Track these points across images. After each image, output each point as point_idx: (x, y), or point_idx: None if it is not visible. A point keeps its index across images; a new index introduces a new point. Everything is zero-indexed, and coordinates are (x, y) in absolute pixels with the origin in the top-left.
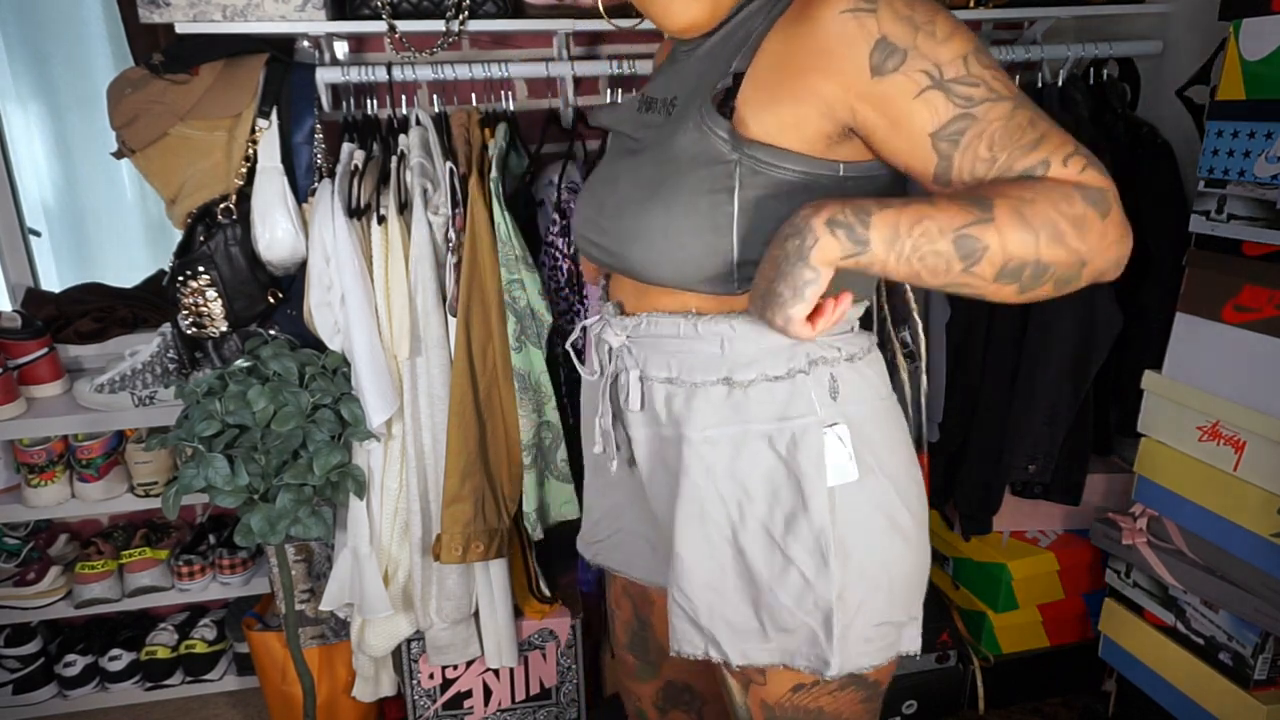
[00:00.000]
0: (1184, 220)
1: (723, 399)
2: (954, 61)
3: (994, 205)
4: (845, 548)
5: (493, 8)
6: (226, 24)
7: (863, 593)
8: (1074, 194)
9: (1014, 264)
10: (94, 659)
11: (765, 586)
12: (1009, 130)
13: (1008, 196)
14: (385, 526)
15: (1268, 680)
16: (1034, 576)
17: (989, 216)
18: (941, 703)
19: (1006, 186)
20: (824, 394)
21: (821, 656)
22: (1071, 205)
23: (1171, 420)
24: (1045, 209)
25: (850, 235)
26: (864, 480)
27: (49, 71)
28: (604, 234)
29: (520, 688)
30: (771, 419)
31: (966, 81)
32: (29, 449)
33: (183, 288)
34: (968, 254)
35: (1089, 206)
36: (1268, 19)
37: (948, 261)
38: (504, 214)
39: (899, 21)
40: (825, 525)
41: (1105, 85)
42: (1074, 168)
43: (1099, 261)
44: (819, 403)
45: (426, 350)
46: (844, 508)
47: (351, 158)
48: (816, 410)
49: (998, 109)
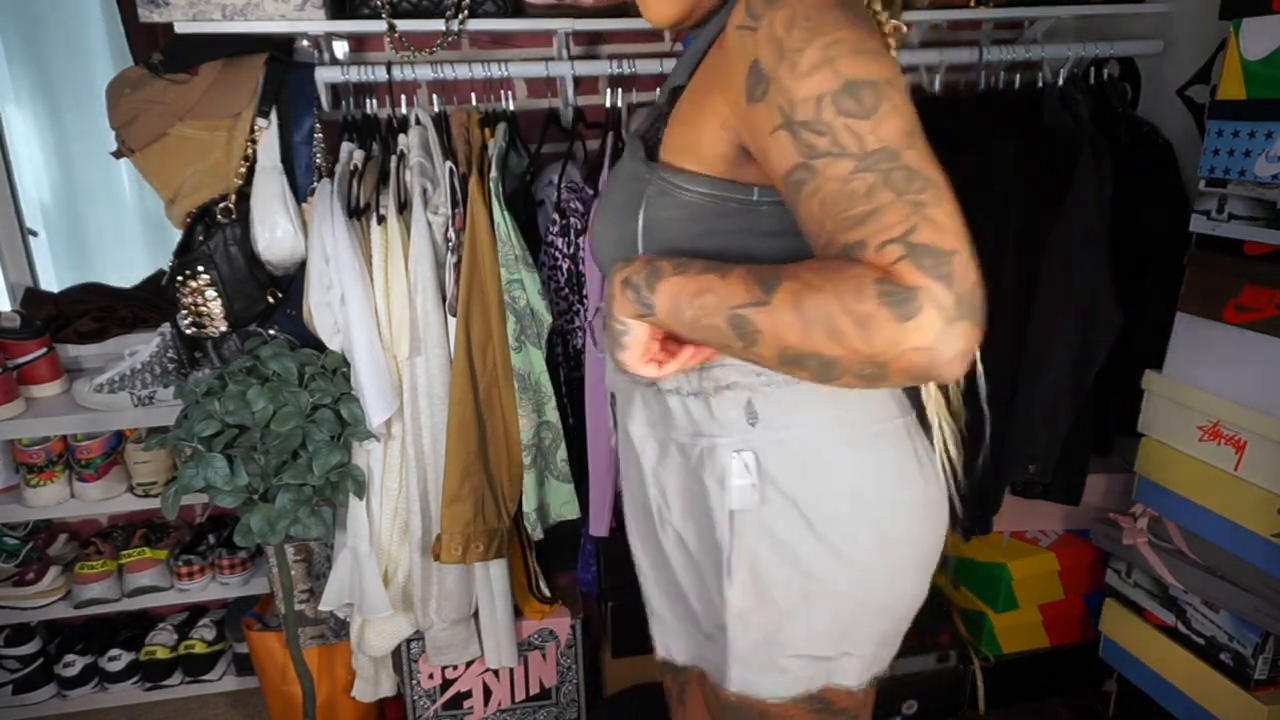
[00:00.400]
0: (1184, 220)
1: (653, 401)
2: (807, 101)
3: (777, 288)
4: (754, 572)
5: (492, 7)
6: (226, 23)
7: (772, 620)
8: (869, 288)
9: (792, 352)
10: (93, 659)
11: (684, 590)
12: (840, 195)
13: (796, 279)
14: (385, 526)
15: (1268, 680)
16: (1034, 576)
17: (766, 300)
18: (942, 703)
19: (804, 267)
20: (739, 417)
21: (721, 669)
22: (860, 301)
23: (1172, 420)
24: (827, 301)
25: (638, 298)
26: (773, 511)
27: (49, 71)
28: (597, 237)
29: (520, 688)
30: (688, 432)
31: (813, 127)
32: (28, 449)
33: (182, 287)
34: (743, 334)
35: (883, 305)
36: (1268, 19)
37: (727, 339)
38: (504, 214)
39: (771, 45)
40: (725, 544)
41: (1106, 85)
42: (888, 257)
43: (902, 363)
44: (732, 425)
45: (426, 350)
46: (747, 533)
47: (351, 157)
48: (728, 432)
49: (836, 167)
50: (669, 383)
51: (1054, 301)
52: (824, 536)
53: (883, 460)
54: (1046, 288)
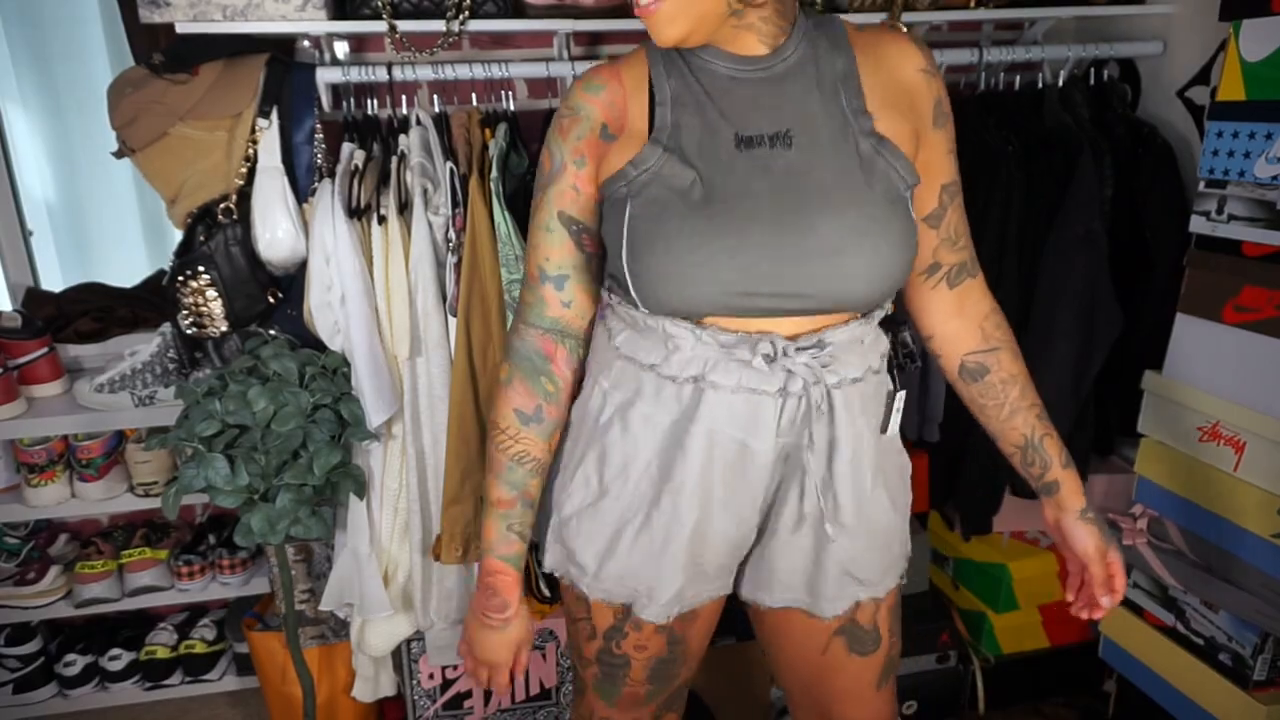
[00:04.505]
0: (1184, 221)
1: (871, 381)
2: (954, 140)
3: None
4: None
5: (493, 8)
6: (227, 24)
7: None
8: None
9: None
10: (94, 659)
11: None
12: (964, 215)
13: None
14: (385, 527)
15: (1267, 680)
16: (1034, 577)
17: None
18: (942, 703)
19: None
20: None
21: (893, 575)
22: None
23: (1171, 420)
24: None
25: None
26: None
27: (49, 71)
28: (801, 283)
29: (520, 688)
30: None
31: (957, 159)
32: (29, 449)
33: (183, 288)
34: None
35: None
36: (1268, 20)
37: None
38: (504, 214)
39: (944, 91)
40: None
41: (1106, 86)
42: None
43: None
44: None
45: (426, 350)
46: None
47: (351, 158)
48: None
49: (961, 195)
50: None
51: (1054, 302)
52: None
53: None
54: (1047, 288)
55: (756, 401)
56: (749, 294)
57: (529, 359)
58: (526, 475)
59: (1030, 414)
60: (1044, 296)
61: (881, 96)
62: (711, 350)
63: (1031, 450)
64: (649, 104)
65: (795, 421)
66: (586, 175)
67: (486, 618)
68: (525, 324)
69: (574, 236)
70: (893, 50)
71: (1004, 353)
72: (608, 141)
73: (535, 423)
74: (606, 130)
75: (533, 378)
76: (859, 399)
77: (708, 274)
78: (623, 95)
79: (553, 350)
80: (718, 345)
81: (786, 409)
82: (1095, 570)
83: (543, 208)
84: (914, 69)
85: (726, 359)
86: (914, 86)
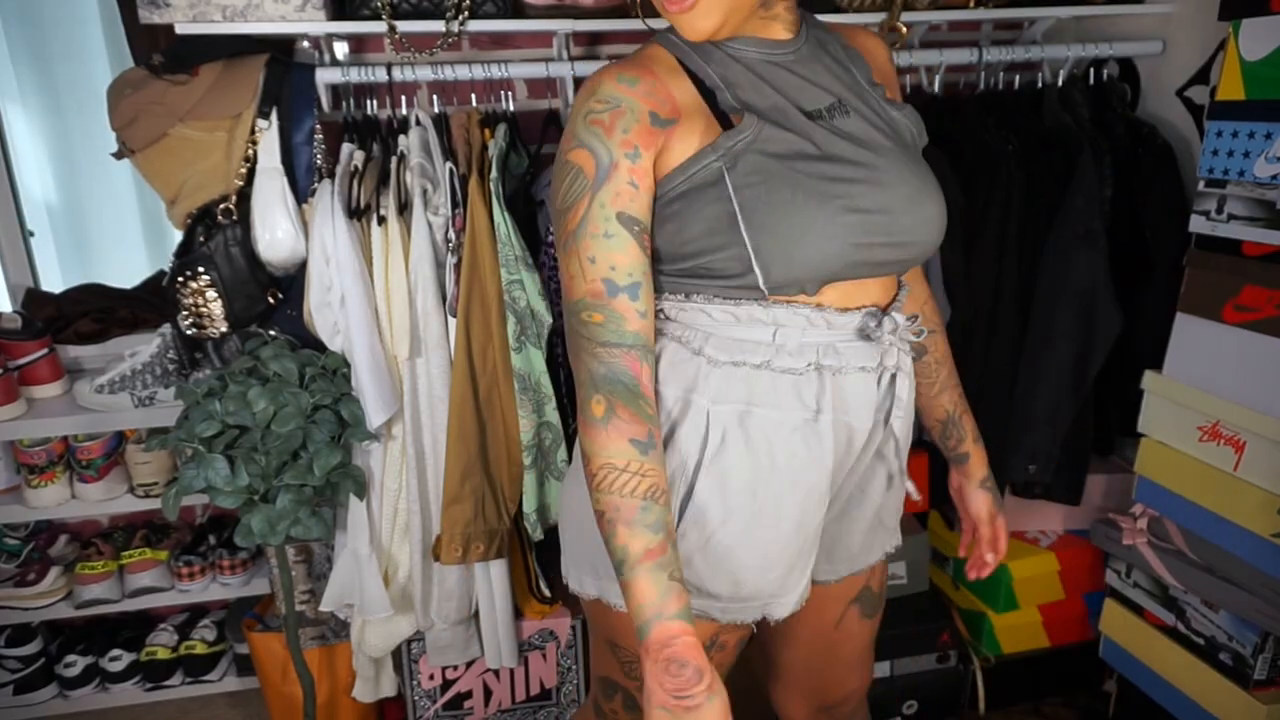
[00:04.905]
0: (1184, 220)
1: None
2: None
3: None
4: None
5: (493, 8)
6: (226, 24)
7: None
8: None
9: None
10: (94, 659)
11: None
12: None
13: None
14: (385, 527)
15: (1268, 680)
16: (1034, 577)
17: None
18: (942, 703)
19: None
20: None
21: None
22: None
23: (1171, 420)
24: None
25: None
26: None
27: (49, 72)
28: (904, 233)
29: (520, 688)
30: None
31: None
32: (29, 449)
33: (183, 288)
34: None
35: None
36: (1268, 19)
37: None
38: (504, 214)
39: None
40: None
41: (1105, 86)
42: None
43: None
44: None
45: (426, 351)
46: None
47: (351, 158)
48: None
49: None
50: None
51: (1054, 302)
52: None
53: None
54: (1047, 288)
55: (865, 380)
56: (870, 245)
57: (622, 383)
58: (663, 511)
59: (955, 392)
60: (1044, 296)
61: (876, 74)
62: (822, 332)
63: (952, 425)
64: (696, 88)
65: (883, 393)
66: (643, 168)
67: (681, 699)
68: (601, 345)
69: (637, 238)
70: (868, 40)
71: (939, 335)
72: (664, 128)
73: (652, 449)
74: (658, 117)
75: (634, 402)
76: (909, 371)
77: (836, 230)
78: (661, 84)
79: (639, 369)
80: (826, 326)
81: (882, 382)
82: (983, 530)
83: (594, 214)
84: (884, 49)
85: (838, 340)
86: (889, 70)
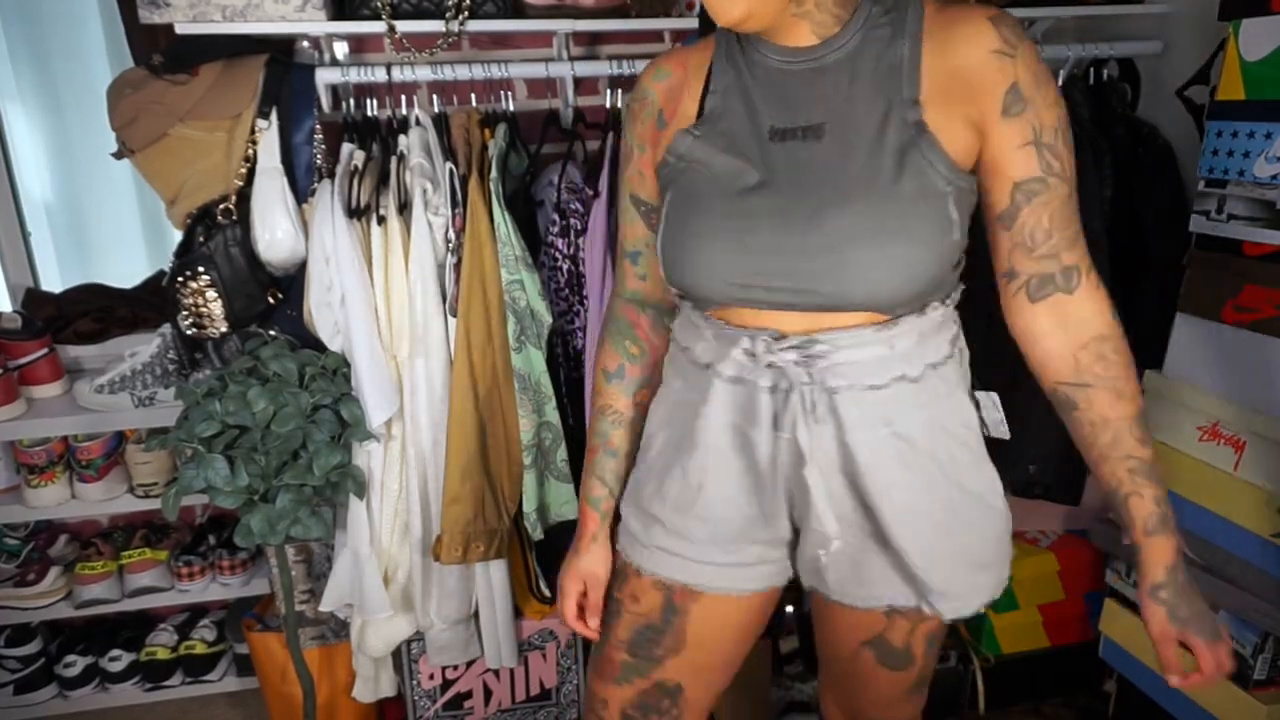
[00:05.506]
0: (1184, 220)
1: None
2: (1051, 128)
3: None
4: None
5: (493, 8)
6: (226, 24)
7: None
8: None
9: None
10: (94, 660)
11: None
12: (1064, 214)
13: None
14: (385, 527)
15: (1268, 680)
16: (1034, 577)
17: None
18: (942, 703)
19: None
20: None
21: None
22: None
23: (1171, 420)
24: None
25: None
26: None
27: (49, 71)
28: (809, 279)
29: (520, 688)
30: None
31: (1053, 151)
32: (29, 449)
33: (183, 288)
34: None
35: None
36: (1267, 19)
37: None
38: (504, 214)
39: (1029, 73)
40: None
41: (1105, 86)
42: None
43: None
44: None
45: (426, 351)
46: None
47: (351, 158)
48: None
49: (1062, 189)
50: (914, 366)
51: None
52: None
53: None
54: None
55: (750, 393)
56: (748, 285)
57: (616, 323)
58: (609, 426)
59: (1120, 466)
60: None
61: (940, 85)
62: (716, 341)
63: (1118, 504)
64: (703, 93)
65: (795, 421)
66: (647, 160)
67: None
68: (615, 295)
69: (644, 217)
70: (962, 32)
71: (1097, 391)
72: (660, 130)
73: (617, 379)
74: (661, 117)
75: (617, 340)
76: (875, 405)
77: (713, 262)
78: (683, 83)
79: (635, 317)
80: (717, 336)
81: (789, 405)
82: (1161, 653)
83: (621, 190)
84: (983, 51)
85: (727, 349)
86: (978, 72)
